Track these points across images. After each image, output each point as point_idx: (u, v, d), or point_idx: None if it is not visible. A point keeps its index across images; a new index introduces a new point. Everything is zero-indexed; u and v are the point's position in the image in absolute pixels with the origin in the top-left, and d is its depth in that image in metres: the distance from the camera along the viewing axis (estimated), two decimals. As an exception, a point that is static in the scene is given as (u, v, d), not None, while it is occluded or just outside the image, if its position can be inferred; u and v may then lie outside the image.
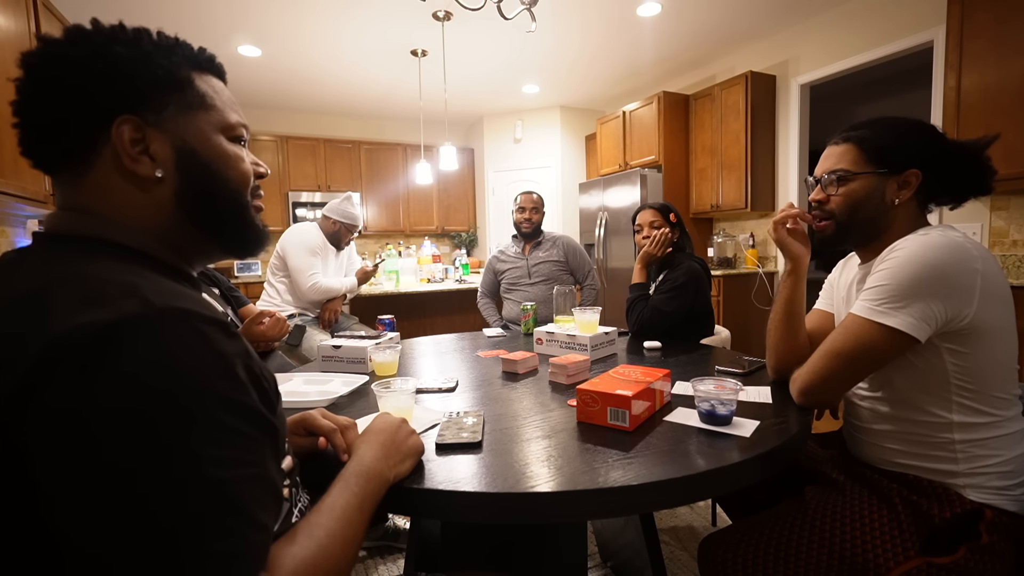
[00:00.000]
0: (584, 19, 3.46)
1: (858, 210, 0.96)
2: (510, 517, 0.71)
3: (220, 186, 0.58)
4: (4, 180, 1.96)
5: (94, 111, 0.50)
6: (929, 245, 0.83)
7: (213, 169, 0.57)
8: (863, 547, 0.82)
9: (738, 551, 0.88)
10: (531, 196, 2.58)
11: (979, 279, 0.81)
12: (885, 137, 0.95)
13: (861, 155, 0.96)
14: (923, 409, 0.87)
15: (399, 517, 1.77)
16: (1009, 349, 0.85)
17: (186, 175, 0.55)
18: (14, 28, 2.08)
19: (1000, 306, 0.83)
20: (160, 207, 0.54)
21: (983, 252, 0.84)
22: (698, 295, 1.80)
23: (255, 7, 3.15)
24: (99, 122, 0.50)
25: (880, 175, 0.94)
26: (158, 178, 0.53)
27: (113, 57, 0.51)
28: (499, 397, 1.13)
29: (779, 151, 3.89)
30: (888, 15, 3.14)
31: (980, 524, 0.81)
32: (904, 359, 0.87)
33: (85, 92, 0.50)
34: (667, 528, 1.80)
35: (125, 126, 0.51)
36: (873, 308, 0.85)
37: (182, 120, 0.55)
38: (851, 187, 0.96)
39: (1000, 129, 2.33)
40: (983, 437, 0.84)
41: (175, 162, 0.54)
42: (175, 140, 0.54)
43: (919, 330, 0.81)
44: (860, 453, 0.99)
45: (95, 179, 0.52)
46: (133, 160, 0.52)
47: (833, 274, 1.17)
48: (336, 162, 5.40)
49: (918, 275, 0.81)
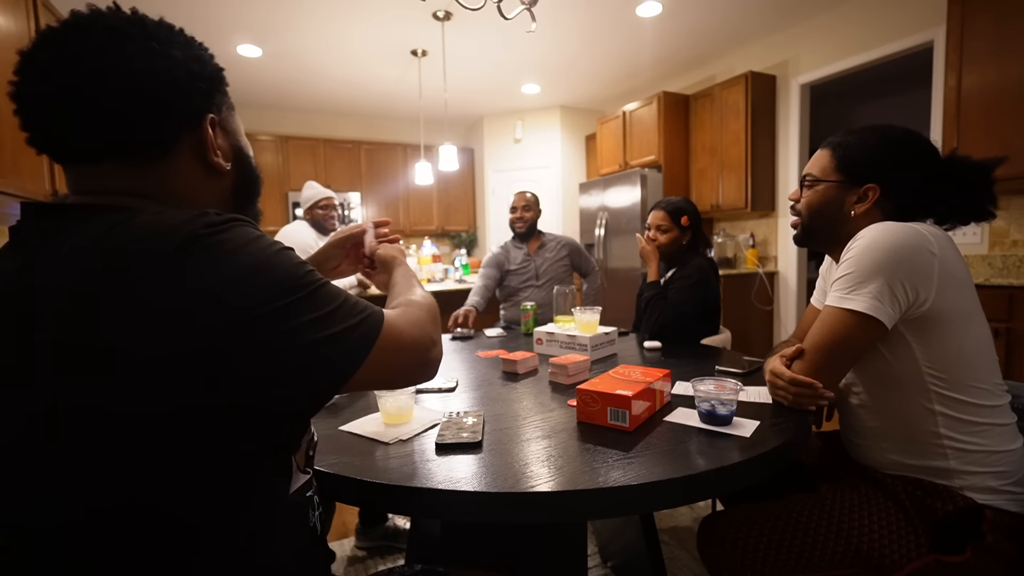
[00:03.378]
0: (584, 19, 3.46)
1: (816, 215, 1.01)
2: (510, 517, 0.71)
3: (257, 177, 0.67)
4: (4, 180, 1.96)
5: (190, 109, 0.55)
6: (885, 230, 0.85)
7: (250, 160, 0.65)
8: (879, 543, 0.82)
9: (739, 531, 0.88)
10: (523, 195, 2.57)
11: (936, 263, 0.82)
12: (856, 148, 0.96)
13: (832, 163, 0.99)
14: (903, 400, 0.88)
15: (399, 517, 1.77)
16: (978, 336, 0.86)
17: (239, 169, 0.63)
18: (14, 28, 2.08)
19: (961, 290, 0.85)
20: (221, 196, 0.61)
21: (941, 240, 0.85)
22: (708, 293, 1.80)
23: (255, 7, 3.16)
24: (192, 118, 0.55)
25: (841, 185, 0.97)
26: (227, 170, 0.60)
27: (199, 57, 0.56)
28: (499, 397, 1.13)
29: (779, 151, 3.89)
30: (888, 15, 3.14)
31: (982, 524, 0.81)
32: (878, 353, 0.89)
33: (186, 92, 0.54)
34: (667, 528, 1.80)
35: (211, 124, 0.57)
36: (841, 296, 0.87)
37: (231, 119, 0.62)
38: (814, 191, 1.01)
39: (1000, 129, 2.33)
40: (969, 429, 0.84)
41: (233, 155, 0.62)
42: (230, 137, 0.62)
43: (883, 312, 0.83)
44: (858, 457, 0.99)
45: (172, 166, 0.55)
46: (215, 155, 0.58)
47: (824, 266, 1.18)
48: (336, 162, 5.40)
49: (876, 258, 0.83)
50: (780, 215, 3.92)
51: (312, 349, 0.49)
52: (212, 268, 0.45)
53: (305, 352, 0.48)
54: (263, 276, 0.47)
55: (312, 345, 0.48)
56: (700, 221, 1.92)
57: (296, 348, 0.47)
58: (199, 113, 0.56)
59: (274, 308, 0.46)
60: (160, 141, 0.53)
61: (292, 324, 0.47)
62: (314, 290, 0.51)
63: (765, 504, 0.93)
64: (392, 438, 0.88)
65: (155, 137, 0.53)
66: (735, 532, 0.88)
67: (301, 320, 0.48)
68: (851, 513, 0.87)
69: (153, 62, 0.51)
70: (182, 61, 0.53)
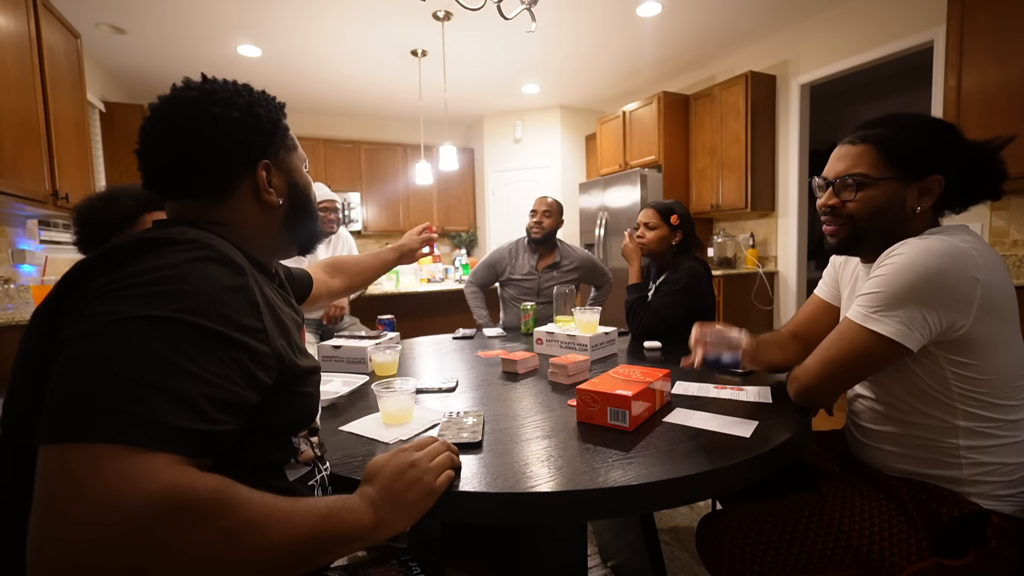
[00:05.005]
0: (584, 19, 3.46)
1: (878, 218, 0.89)
2: (510, 517, 0.71)
3: (310, 207, 0.76)
4: (4, 180, 1.96)
5: (248, 157, 0.66)
6: (927, 251, 0.79)
7: (306, 195, 0.75)
8: (880, 545, 0.81)
9: (739, 530, 0.87)
10: (544, 199, 2.44)
11: (979, 289, 0.77)
12: (907, 139, 0.87)
13: (881, 158, 0.88)
14: (927, 414, 0.85)
15: (399, 517, 1.77)
16: (1016, 358, 0.82)
17: (292, 201, 0.73)
18: (14, 28, 2.08)
19: (1003, 317, 0.80)
20: (275, 224, 0.71)
21: (988, 259, 0.79)
22: (698, 297, 1.79)
23: (255, 7, 3.15)
24: (248, 165, 0.66)
25: (900, 181, 0.87)
26: (279, 205, 0.70)
27: (255, 115, 0.66)
28: (499, 397, 1.13)
29: (779, 151, 3.89)
30: (888, 15, 3.14)
31: (987, 529, 0.80)
32: (904, 366, 0.85)
33: (241, 144, 0.65)
34: (667, 528, 1.80)
35: (264, 169, 0.68)
36: (866, 314, 0.83)
37: (288, 159, 0.72)
38: (870, 193, 0.89)
39: (1000, 129, 2.32)
40: (989, 444, 0.82)
41: (288, 192, 0.72)
42: (286, 175, 0.72)
43: (911, 339, 0.79)
44: (863, 457, 0.98)
45: (233, 204, 0.67)
46: (268, 193, 0.68)
47: (838, 260, 1.10)
48: (336, 162, 5.40)
49: (912, 283, 0.78)
50: (780, 215, 3.92)
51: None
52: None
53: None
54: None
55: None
56: (692, 224, 1.88)
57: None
58: (253, 160, 0.66)
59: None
60: (220, 184, 0.65)
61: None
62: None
63: (765, 504, 0.92)
64: (392, 438, 0.88)
65: (216, 182, 0.65)
66: (735, 532, 0.88)
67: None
68: (852, 514, 0.86)
69: (215, 125, 0.63)
70: (239, 120, 0.64)
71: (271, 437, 0.60)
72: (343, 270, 1.34)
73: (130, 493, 0.39)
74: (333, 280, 1.30)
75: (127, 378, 0.43)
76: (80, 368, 0.44)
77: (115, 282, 0.49)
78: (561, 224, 2.47)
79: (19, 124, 2.08)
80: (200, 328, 0.48)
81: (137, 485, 0.40)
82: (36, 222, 2.71)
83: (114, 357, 0.44)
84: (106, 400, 0.42)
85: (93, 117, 3.77)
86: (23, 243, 2.64)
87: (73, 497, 0.39)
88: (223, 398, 0.48)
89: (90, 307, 0.48)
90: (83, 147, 2.67)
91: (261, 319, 0.56)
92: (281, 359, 0.58)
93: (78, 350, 0.45)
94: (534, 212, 2.42)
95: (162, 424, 0.43)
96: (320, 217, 0.81)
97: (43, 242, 2.78)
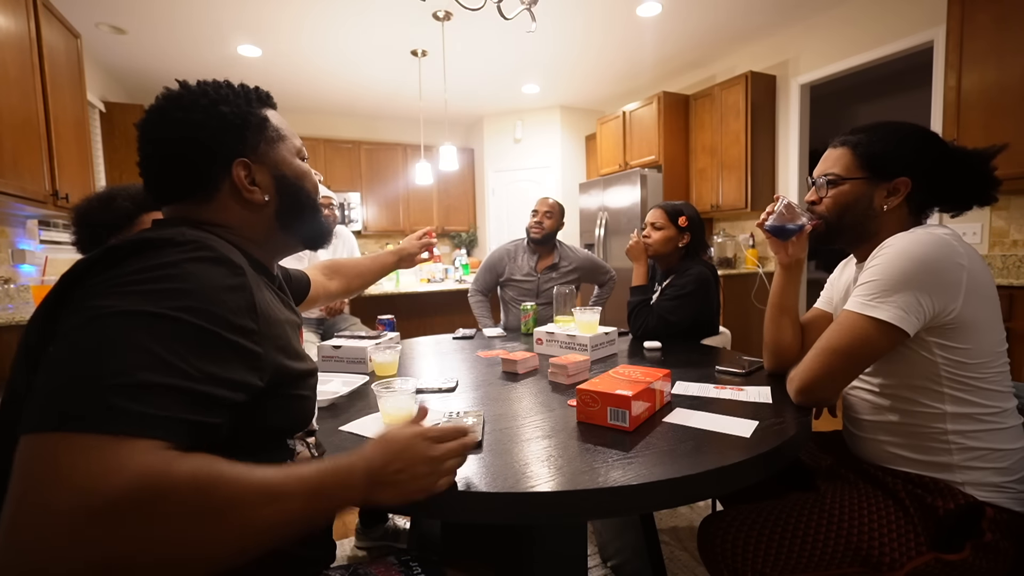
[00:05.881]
0: (584, 19, 3.46)
1: (845, 213, 1.00)
2: (510, 517, 0.71)
3: (305, 198, 0.74)
4: (4, 180, 1.96)
5: (217, 159, 0.65)
6: (916, 241, 0.85)
7: (298, 186, 0.73)
8: (879, 541, 0.83)
9: (740, 531, 0.88)
10: (547, 200, 2.45)
11: (965, 275, 0.83)
12: (878, 144, 0.97)
13: (854, 160, 0.98)
14: (916, 400, 0.88)
15: (399, 517, 1.77)
16: (996, 343, 0.87)
17: (282, 195, 0.71)
18: (14, 28, 2.08)
19: (986, 301, 0.86)
20: (266, 221, 0.70)
21: (969, 250, 0.86)
22: (704, 303, 1.75)
23: (255, 7, 3.15)
24: (222, 166, 0.65)
25: (869, 181, 0.97)
26: (265, 201, 0.69)
27: (219, 114, 0.64)
28: (499, 397, 1.13)
29: (779, 151, 3.89)
30: (888, 15, 3.14)
31: (982, 522, 0.81)
32: (896, 353, 0.89)
33: (207, 148, 0.64)
34: (667, 528, 1.80)
35: (240, 167, 0.66)
36: (864, 303, 0.87)
37: (271, 152, 0.70)
38: (840, 190, 1.00)
39: (1000, 129, 2.33)
40: (976, 429, 0.85)
41: (274, 187, 0.70)
42: (271, 169, 0.70)
43: (908, 323, 0.83)
44: (859, 451, 1.00)
45: (218, 204, 0.67)
46: (249, 192, 0.67)
47: (834, 274, 1.18)
48: (336, 162, 5.41)
49: (906, 269, 0.83)
50: (780, 215, 3.91)
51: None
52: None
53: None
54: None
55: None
56: (702, 227, 1.85)
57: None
58: (223, 161, 0.65)
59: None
60: (203, 188, 0.66)
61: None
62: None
63: (765, 504, 0.93)
64: (392, 438, 0.88)
65: (196, 187, 0.65)
66: (735, 532, 0.88)
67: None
68: (851, 512, 0.87)
69: (179, 130, 0.63)
70: (202, 122, 0.63)
71: (266, 439, 0.61)
72: (341, 272, 1.34)
73: (106, 480, 0.40)
74: (331, 282, 1.30)
75: (114, 370, 0.44)
76: (68, 358, 0.45)
77: (114, 279, 0.50)
78: (562, 226, 2.48)
79: (19, 124, 2.08)
80: (194, 327, 0.49)
81: (115, 472, 0.40)
82: (36, 222, 2.71)
83: (102, 348, 0.45)
84: (92, 390, 0.43)
85: (93, 117, 3.77)
86: (23, 243, 2.64)
87: (52, 485, 0.39)
88: (209, 393, 0.49)
89: (87, 303, 0.48)
90: (83, 147, 2.67)
91: (256, 320, 0.56)
92: (274, 362, 0.58)
93: (67, 341, 0.46)
94: (535, 212, 2.43)
95: (144, 414, 0.44)
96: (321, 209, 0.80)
97: (43, 242, 2.78)
